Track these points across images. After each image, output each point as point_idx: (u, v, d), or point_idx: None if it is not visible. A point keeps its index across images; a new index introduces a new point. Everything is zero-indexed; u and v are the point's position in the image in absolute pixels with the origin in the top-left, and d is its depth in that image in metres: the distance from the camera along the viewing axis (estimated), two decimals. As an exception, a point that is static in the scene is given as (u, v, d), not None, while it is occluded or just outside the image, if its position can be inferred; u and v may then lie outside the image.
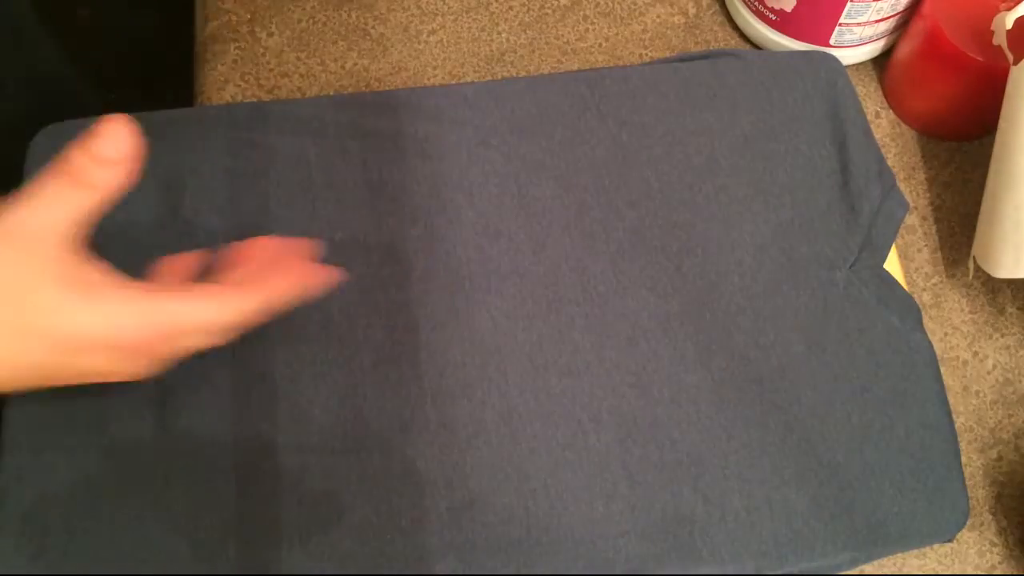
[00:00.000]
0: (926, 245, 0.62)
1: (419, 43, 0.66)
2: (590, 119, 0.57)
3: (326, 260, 0.48)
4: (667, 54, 0.67)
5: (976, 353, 0.59)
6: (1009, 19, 0.52)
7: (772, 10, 0.63)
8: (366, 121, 0.56)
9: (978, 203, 0.57)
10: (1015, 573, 0.54)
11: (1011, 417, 0.57)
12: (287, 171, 0.55)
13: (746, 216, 0.55)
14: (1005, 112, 0.53)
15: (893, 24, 0.63)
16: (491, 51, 0.66)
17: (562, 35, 0.67)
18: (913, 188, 0.63)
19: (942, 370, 0.53)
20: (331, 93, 0.64)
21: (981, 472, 0.56)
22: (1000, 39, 0.54)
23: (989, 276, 0.57)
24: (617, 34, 0.67)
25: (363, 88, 0.64)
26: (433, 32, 0.67)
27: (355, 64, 0.65)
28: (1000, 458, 0.56)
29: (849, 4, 0.59)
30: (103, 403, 0.49)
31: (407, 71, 0.65)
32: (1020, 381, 0.58)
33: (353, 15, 0.67)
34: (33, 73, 0.72)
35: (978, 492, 0.55)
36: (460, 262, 0.53)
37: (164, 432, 0.49)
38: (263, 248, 0.47)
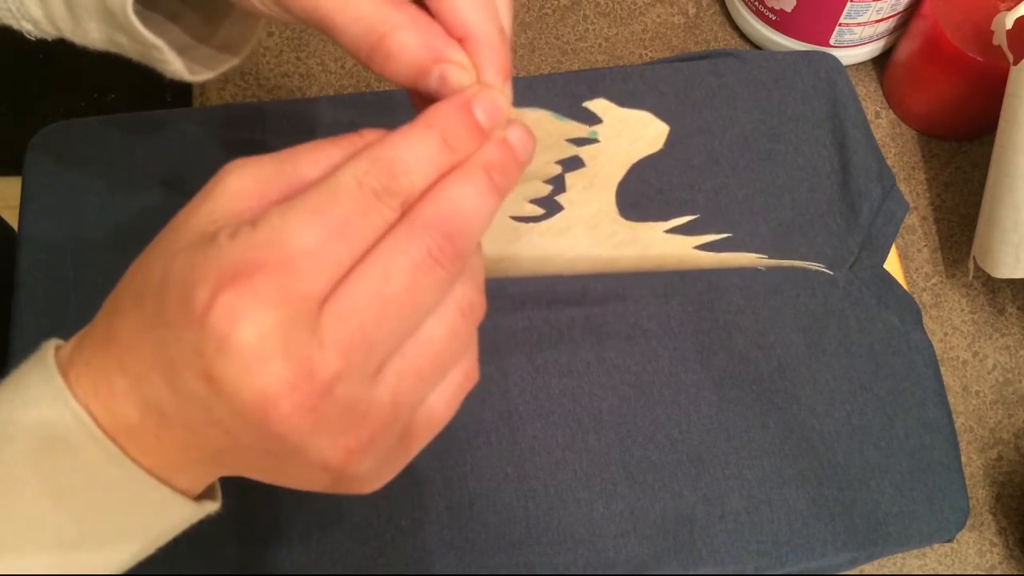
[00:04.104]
0: (926, 245, 0.62)
1: (419, 43, 0.66)
2: (590, 119, 0.57)
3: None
4: (667, 54, 0.66)
5: (976, 353, 0.59)
6: (1009, 19, 0.52)
7: (772, 10, 0.63)
8: (366, 121, 0.56)
9: (978, 203, 0.57)
10: (1015, 573, 0.54)
11: (1011, 417, 0.57)
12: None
13: (746, 216, 0.55)
14: (1005, 112, 0.53)
15: (893, 24, 0.63)
16: (491, 51, 0.66)
17: (562, 35, 0.67)
18: (913, 188, 0.63)
19: (942, 370, 0.53)
20: (331, 93, 0.64)
21: (981, 472, 0.56)
22: (1000, 39, 0.54)
23: (989, 276, 0.57)
24: (617, 34, 0.67)
25: (363, 88, 0.64)
26: (433, 32, 0.67)
27: (355, 64, 0.65)
28: (1000, 458, 0.56)
29: (849, 4, 0.59)
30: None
31: (407, 71, 0.65)
32: (1020, 381, 0.58)
33: (353, 15, 0.67)
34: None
35: (978, 492, 0.55)
36: (460, 262, 0.53)
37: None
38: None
